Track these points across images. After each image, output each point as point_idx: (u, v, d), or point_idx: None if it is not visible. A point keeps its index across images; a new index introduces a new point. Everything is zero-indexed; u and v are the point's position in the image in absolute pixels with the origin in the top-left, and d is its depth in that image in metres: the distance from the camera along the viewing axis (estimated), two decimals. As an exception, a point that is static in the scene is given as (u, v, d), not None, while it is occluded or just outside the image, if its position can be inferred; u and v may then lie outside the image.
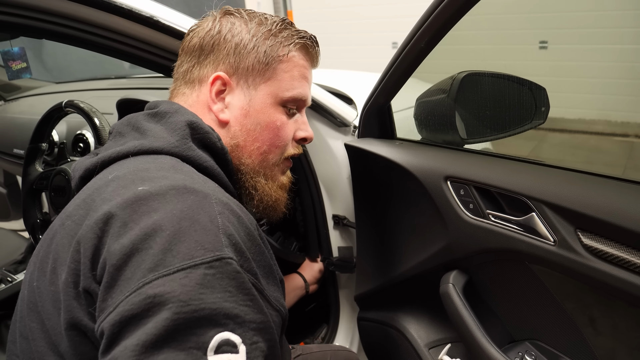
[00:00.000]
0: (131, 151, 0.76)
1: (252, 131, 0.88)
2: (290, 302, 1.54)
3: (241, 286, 0.59)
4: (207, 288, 0.56)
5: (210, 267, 0.58)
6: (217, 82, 0.87)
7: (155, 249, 0.58)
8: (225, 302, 0.57)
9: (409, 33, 1.02)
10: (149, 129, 0.80)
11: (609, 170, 0.87)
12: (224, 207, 0.66)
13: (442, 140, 1.18)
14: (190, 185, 0.66)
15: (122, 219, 0.62)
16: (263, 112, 0.88)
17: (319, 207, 1.53)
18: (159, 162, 0.73)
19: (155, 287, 0.55)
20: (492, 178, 0.96)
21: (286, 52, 0.88)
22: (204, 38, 0.88)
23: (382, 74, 1.16)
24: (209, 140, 0.82)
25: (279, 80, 0.88)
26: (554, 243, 0.86)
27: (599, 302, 0.86)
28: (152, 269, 0.57)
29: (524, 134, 1.17)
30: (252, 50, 0.86)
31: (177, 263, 0.57)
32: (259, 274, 0.66)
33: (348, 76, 2.64)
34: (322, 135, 1.46)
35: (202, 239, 0.60)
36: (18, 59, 1.66)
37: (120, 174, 0.71)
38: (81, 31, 1.13)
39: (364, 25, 5.78)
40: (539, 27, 4.69)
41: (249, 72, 0.87)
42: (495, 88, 1.15)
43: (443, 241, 1.07)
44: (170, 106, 0.84)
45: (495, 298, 1.06)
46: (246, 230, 0.67)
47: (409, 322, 1.26)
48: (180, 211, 0.62)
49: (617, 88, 4.57)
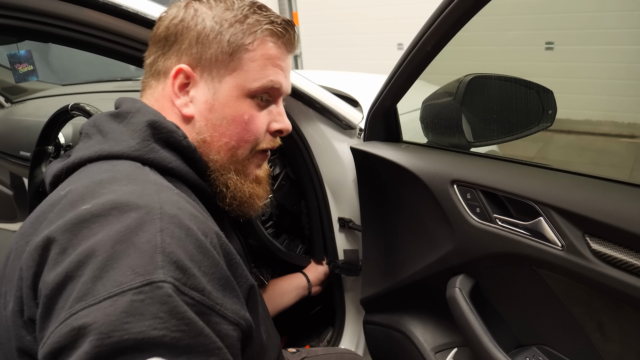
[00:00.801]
0: (92, 157, 0.74)
1: (218, 126, 0.83)
2: (291, 301, 1.54)
3: (173, 310, 0.55)
4: (133, 316, 0.53)
5: (138, 293, 0.54)
6: (179, 75, 0.82)
7: (86, 276, 0.56)
8: (153, 330, 0.53)
9: (416, 36, 1.01)
10: (110, 130, 0.77)
11: (616, 172, 0.86)
12: (170, 221, 0.62)
13: (449, 143, 1.17)
14: (134, 201, 0.63)
15: (61, 245, 0.60)
16: (228, 105, 0.83)
17: (325, 210, 1.53)
18: (115, 171, 0.70)
19: (80, 318, 0.53)
20: (499, 182, 0.96)
21: (252, 40, 0.82)
22: (168, 27, 0.83)
23: (388, 76, 1.15)
24: (173, 139, 0.78)
25: (245, 71, 0.83)
26: (561, 248, 0.85)
27: (608, 308, 0.86)
28: (80, 298, 0.54)
29: (530, 136, 1.16)
30: (215, 39, 0.81)
31: (104, 291, 0.54)
32: (210, 288, 0.62)
33: (353, 78, 2.63)
34: (327, 138, 1.45)
35: (135, 262, 0.56)
36: (25, 62, 1.66)
37: (73, 187, 0.68)
38: (88, 35, 1.13)
39: (370, 27, 5.77)
40: (545, 28, 4.68)
41: (212, 63, 0.82)
42: (502, 91, 1.15)
43: (449, 245, 1.06)
44: (132, 105, 0.81)
45: (502, 302, 1.05)
46: (196, 242, 0.63)
47: (415, 326, 1.25)
48: (117, 232, 0.59)
49: (624, 89, 4.55)
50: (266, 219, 1.48)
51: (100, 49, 1.17)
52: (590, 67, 4.64)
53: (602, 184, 0.86)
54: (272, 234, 1.51)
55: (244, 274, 0.73)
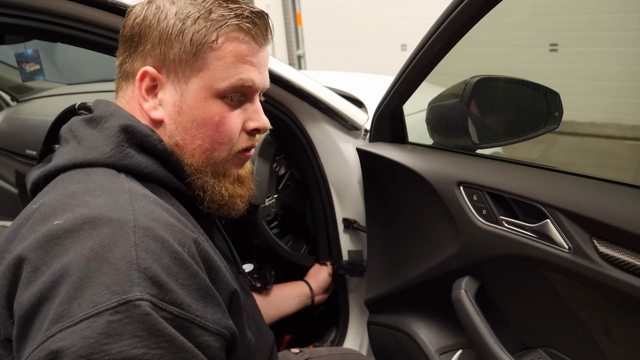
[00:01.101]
0: (67, 165, 0.72)
1: (189, 129, 0.79)
2: (294, 308, 1.53)
3: (152, 328, 0.55)
4: (111, 337, 0.52)
5: (115, 313, 0.53)
6: (145, 77, 0.78)
7: (61, 296, 0.55)
8: (133, 349, 0.53)
9: (423, 38, 1.02)
10: (84, 136, 0.75)
11: (620, 174, 0.86)
12: (144, 234, 0.61)
13: (455, 144, 1.17)
14: (107, 215, 0.62)
15: (33, 264, 0.59)
16: (197, 107, 0.78)
17: (329, 210, 1.53)
18: (89, 181, 0.69)
19: (57, 341, 0.52)
20: (505, 184, 0.96)
21: (215, 37, 0.76)
22: (133, 27, 0.79)
23: (394, 78, 1.16)
24: (148, 144, 0.75)
25: (211, 70, 0.78)
26: (568, 250, 0.85)
27: (614, 311, 0.86)
28: (56, 320, 0.53)
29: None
30: (177, 38, 0.76)
31: (80, 313, 0.53)
32: (189, 301, 0.61)
33: (357, 79, 2.63)
34: (332, 139, 1.46)
35: (110, 280, 0.55)
36: (32, 61, 1.66)
37: (46, 199, 0.67)
38: (97, 35, 1.13)
39: (373, 27, 5.77)
40: (549, 29, 4.67)
41: (177, 64, 0.77)
42: (508, 92, 1.14)
43: (455, 247, 1.06)
44: (106, 109, 0.78)
45: (508, 304, 1.05)
46: (172, 255, 0.62)
47: (420, 327, 1.25)
48: (90, 250, 0.58)
49: (629, 91, 4.54)
50: (271, 219, 1.49)
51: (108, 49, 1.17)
52: (594, 68, 4.63)
53: (609, 187, 0.86)
54: (277, 234, 1.51)
55: (225, 280, 0.72)
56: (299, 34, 6.32)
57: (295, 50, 6.38)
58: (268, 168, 1.44)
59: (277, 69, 1.26)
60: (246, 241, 1.56)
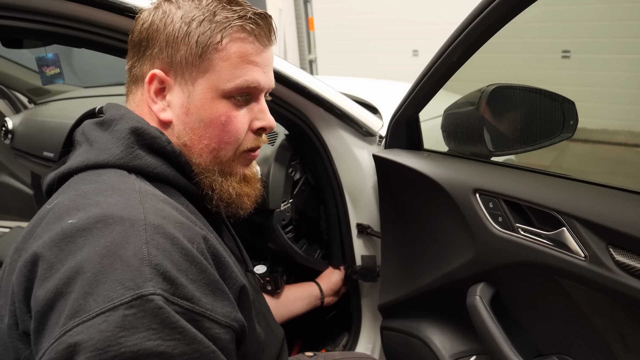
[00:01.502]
0: (79, 166, 0.75)
1: (196, 129, 0.82)
2: (303, 309, 1.54)
3: (166, 321, 0.58)
4: (127, 330, 0.55)
5: (130, 307, 0.56)
6: (154, 80, 0.81)
7: (76, 292, 0.57)
8: (148, 341, 0.56)
9: (441, 47, 1.03)
10: (96, 139, 0.78)
11: (633, 182, 0.87)
12: (155, 232, 0.64)
13: (470, 152, 1.18)
14: (118, 213, 0.64)
15: (48, 261, 0.61)
16: (204, 108, 0.81)
17: (344, 215, 1.54)
18: (100, 181, 0.71)
19: (75, 335, 0.54)
20: (522, 192, 0.97)
21: (219, 38, 0.79)
22: (141, 32, 0.82)
23: (412, 86, 1.17)
24: (157, 145, 0.78)
25: (217, 71, 0.80)
26: (584, 258, 0.86)
27: (630, 319, 0.86)
28: (72, 315, 0.56)
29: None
30: (183, 41, 0.79)
31: (96, 307, 0.56)
32: (199, 295, 0.64)
33: (371, 85, 2.65)
34: (347, 145, 1.47)
35: (123, 276, 0.58)
36: (52, 65, 1.69)
37: (60, 199, 0.70)
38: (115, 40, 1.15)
39: (385, 33, 5.78)
40: (562, 36, 4.66)
41: (183, 66, 0.80)
42: (523, 100, 1.15)
43: (470, 253, 1.07)
44: (116, 112, 0.81)
45: (523, 311, 1.06)
46: (182, 251, 0.65)
47: (434, 333, 1.26)
48: (103, 247, 0.60)
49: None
50: (286, 224, 1.50)
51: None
52: (607, 75, 4.62)
53: (625, 195, 0.87)
54: (291, 238, 1.53)
55: (234, 275, 0.74)
56: (311, 38, 6.34)
57: (307, 55, 6.41)
58: (284, 173, 1.45)
59: (293, 74, 1.28)
60: (261, 245, 1.58)
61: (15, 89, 2.65)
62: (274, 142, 1.49)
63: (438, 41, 1.00)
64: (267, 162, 1.44)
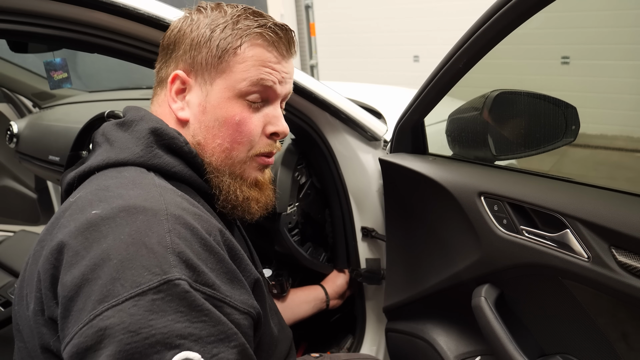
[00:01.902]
0: (100, 165, 0.78)
1: (211, 128, 0.85)
2: (309, 312, 1.56)
3: (192, 304, 0.60)
4: (156, 313, 0.58)
5: (158, 292, 0.59)
6: (176, 80, 0.85)
7: (103, 278, 0.60)
8: (177, 323, 0.58)
9: (448, 53, 1.05)
10: (116, 139, 0.81)
11: (632, 186, 0.89)
12: (176, 222, 0.66)
13: (474, 156, 1.21)
14: (141, 204, 0.67)
15: (73, 248, 0.64)
16: (220, 107, 0.84)
17: (348, 219, 1.56)
18: (121, 177, 0.74)
19: (105, 319, 0.57)
20: (526, 195, 0.99)
21: (239, 44, 0.83)
22: (169, 37, 0.88)
23: (418, 91, 1.19)
24: (175, 145, 0.81)
25: (234, 72, 0.84)
26: (588, 259, 0.88)
27: (633, 318, 0.88)
28: (101, 300, 0.58)
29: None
30: (205, 44, 0.83)
31: (125, 292, 0.58)
32: (219, 282, 0.66)
33: (373, 90, 2.67)
34: (353, 149, 1.49)
35: (149, 263, 0.61)
36: (60, 69, 1.72)
37: (82, 194, 0.73)
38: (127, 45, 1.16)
39: (386, 39, 5.81)
40: (561, 42, 4.70)
41: (204, 67, 0.84)
42: (526, 106, 1.18)
43: (475, 255, 1.09)
44: (136, 113, 0.85)
45: (527, 312, 1.08)
46: (201, 241, 0.67)
47: (439, 334, 1.28)
48: (128, 235, 0.63)
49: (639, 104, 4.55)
50: (292, 227, 1.52)
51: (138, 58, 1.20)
52: (605, 81, 4.65)
53: (627, 198, 0.89)
54: (297, 241, 1.55)
55: (248, 267, 0.77)
56: (312, 44, 6.38)
57: (309, 60, 6.44)
58: (290, 177, 1.47)
59: (300, 79, 1.30)
60: (267, 248, 1.59)
61: (20, 93, 2.67)
62: (281, 146, 1.51)
63: (438, 47, 1.03)
64: (274, 166, 1.46)
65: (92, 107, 2.32)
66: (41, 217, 2.99)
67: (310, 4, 6.24)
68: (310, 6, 6.25)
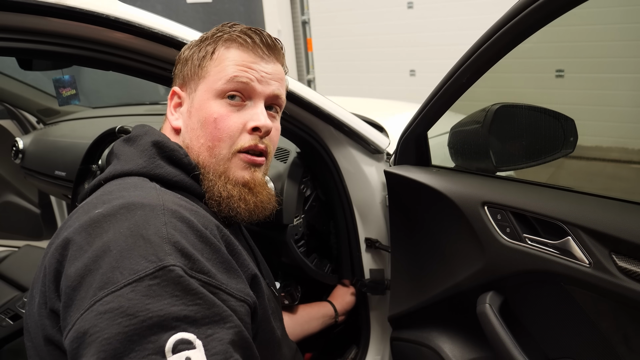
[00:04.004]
0: (107, 176, 0.84)
1: (195, 129, 0.91)
2: (317, 328, 1.57)
3: (187, 288, 0.64)
4: (152, 297, 0.61)
5: (154, 278, 0.63)
6: (174, 96, 0.95)
7: (104, 268, 0.64)
8: (172, 306, 0.62)
9: (452, 68, 1.10)
10: (122, 153, 0.88)
11: (627, 197, 0.94)
12: (172, 216, 0.71)
13: (476, 167, 1.24)
14: (139, 201, 0.72)
15: (77, 244, 0.69)
16: (201, 108, 0.90)
17: (353, 230, 1.59)
18: (124, 183, 0.80)
19: (105, 303, 0.61)
20: (528, 204, 1.03)
21: (212, 49, 0.92)
22: (176, 64, 0.99)
23: (422, 105, 1.23)
24: (175, 157, 0.87)
25: (210, 75, 0.91)
26: (589, 265, 0.92)
27: (634, 321, 0.92)
28: (101, 287, 0.63)
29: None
30: (190, 58, 0.94)
31: (123, 279, 0.62)
32: (214, 270, 0.70)
33: (373, 104, 2.71)
34: (357, 162, 1.52)
35: (146, 252, 0.65)
36: (68, 86, 1.75)
37: (88, 199, 0.79)
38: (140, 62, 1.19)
39: (383, 53, 5.87)
40: (555, 56, 4.77)
41: (190, 77, 0.93)
42: (526, 119, 1.22)
43: (480, 263, 1.12)
44: (141, 129, 0.92)
45: (530, 318, 1.11)
46: (197, 233, 0.72)
47: (444, 342, 1.30)
48: (127, 228, 0.68)
49: (634, 116, 4.62)
50: (299, 238, 1.55)
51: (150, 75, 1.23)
52: (600, 94, 4.72)
53: (626, 206, 0.93)
54: (303, 253, 1.57)
55: (246, 263, 0.81)
56: (309, 59, 6.45)
57: (306, 75, 6.50)
58: (296, 189, 1.50)
59: (305, 94, 1.33)
60: (274, 260, 1.62)
61: (25, 110, 2.70)
62: (287, 160, 1.55)
63: (435, 61, 1.07)
64: (281, 178, 1.50)
65: (98, 123, 2.35)
66: (44, 232, 3.01)
67: (307, 20, 6.32)
68: (307, 22, 6.33)
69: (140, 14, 1.03)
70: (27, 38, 0.98)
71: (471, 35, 1.11)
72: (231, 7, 5.84)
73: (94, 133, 1.67)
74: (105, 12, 0.98)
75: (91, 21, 0.98)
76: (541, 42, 4.73)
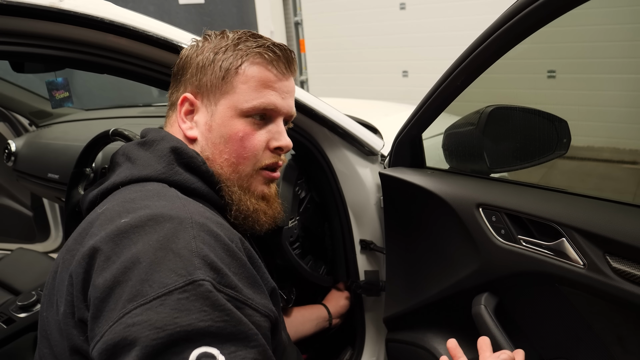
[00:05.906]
0: (123, 181, 0.83)
1: (217, 144, 0.91)
2: (311, 330, 1.58)
3: (215, 304, 0.65)
4: (181, 312, 0.62)
5: (183, 292, 0.63)
6: (185, 102, 0.92)
7: (133, 280, 0.64)
8: (200, 322, 0.62)
9: (446, 71, 1.10)
10: (138, 157, 0.86)
11: (620, 197, 0.95)
12: (200, 229, 0.71)
13: (470, 169, 1.25)
14: (167, 213, 0.72)
15: (105, 253, 0.68)
16: (224, 125, 0.90)
17: (347, 232, 1.59)
18: (146, 190, 0.79)
19: (134, 316, 0.62)
20: (523, 205, 1.03)
21: (239, 63, 0.90)
22: (178, 64, 0.95)
23: (416, 107, 1.24)
24: (193, 164, 0.87)
25: (237, 93, 0.90)
26: (583, 266, 0.93)
27: (627, 322, 0.92)
28: (130, 299, 0.63)
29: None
30: (210, 66, 0.90)
31: (152, 292, 0.63)
32: (241, 285, 0.71)
33: (365, 105, 2.72)
34: (351, 164, 1.52)
35: (176, 265, 0.65)
36: (61, 89, 1.74)
37: (109, 206, 0.78)
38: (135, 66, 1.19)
39: (375, 54, 5.88)
40: (547, 57, 4.80)
41: (209, 88, 0.91)
42: (520, 121, 1.22)
43: (475, 265, 1.13)
44: (157, 134, 0.91)
45: (525, 318, 1.12)
46: (224, 247, 0.72)
47: (439, 343, 1.31)
48: (156, 241, 0.68)
49: (625, 116, 4.65)
50: (294, 240, 1.55)
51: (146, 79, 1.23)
52: (591, 95, 4.75)
53: (620, 207, 0.94)
54: (298, 254, 1.57)
55: (266, 276, 0.82)
56: (302, 60, 6.45)
57: (299, 76, 6.51)
58: (291, 191, 1.50)
59: (299, 96, 1.32)
60: (268, 262, 1.62)
61: (17, 112, 2.69)
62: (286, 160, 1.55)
63: (427, 62, 1.08)
64: (277, 178, 1.49)
65: (91, 125, 2.34)
66: (37, 235, 2.99)
67: (300, 21, 6.32)
68: (300, 23, 6.33)
69: (134, 16, 1.03)
70: (20, 41, 0.98)
71: (464, 36, 1.12)
72: (224, 8, 5.84)
73: (87, 135, 1.65)
74: (100, 15, 0.98)
75: (85, 24, 0.98)
76: (533, 43, 4.74)
